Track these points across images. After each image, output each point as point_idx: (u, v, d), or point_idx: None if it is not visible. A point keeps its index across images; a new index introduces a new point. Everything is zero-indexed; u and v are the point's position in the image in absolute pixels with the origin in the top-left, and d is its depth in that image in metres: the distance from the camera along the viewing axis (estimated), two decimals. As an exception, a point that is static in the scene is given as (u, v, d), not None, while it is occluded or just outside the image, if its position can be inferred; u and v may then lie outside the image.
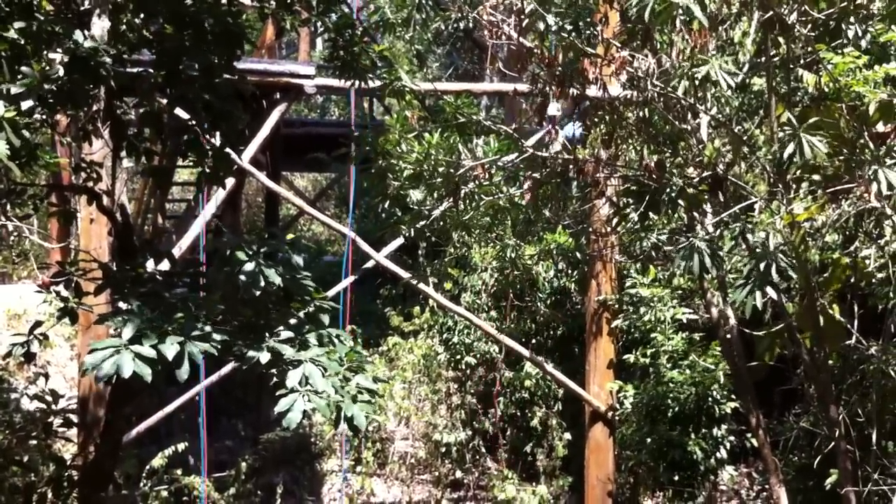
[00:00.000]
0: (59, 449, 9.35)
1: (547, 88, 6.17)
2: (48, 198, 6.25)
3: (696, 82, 5.56)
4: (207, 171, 5.73)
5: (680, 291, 11.36)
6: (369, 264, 11.04)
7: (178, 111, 5.55)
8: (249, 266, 4.74)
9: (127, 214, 6.07)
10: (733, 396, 10.61)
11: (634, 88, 6.15)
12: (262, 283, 4.73)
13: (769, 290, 5.20)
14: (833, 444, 7.61)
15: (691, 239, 5.69)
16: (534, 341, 12.76)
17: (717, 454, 10.91)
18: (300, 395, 4.41)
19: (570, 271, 13.14)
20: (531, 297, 13.12)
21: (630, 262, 11.36)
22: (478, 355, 12.87)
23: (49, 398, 6.70)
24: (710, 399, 10.90)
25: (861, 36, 5.94)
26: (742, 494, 12.08)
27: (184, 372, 4.27)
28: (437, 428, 12.74)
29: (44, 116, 5.55)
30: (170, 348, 4.23)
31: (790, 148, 5.22)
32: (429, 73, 22.26)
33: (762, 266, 5.23)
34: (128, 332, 4.27)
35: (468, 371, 13.11)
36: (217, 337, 4.48)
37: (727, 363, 9.12)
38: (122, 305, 4.81)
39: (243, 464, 11.65)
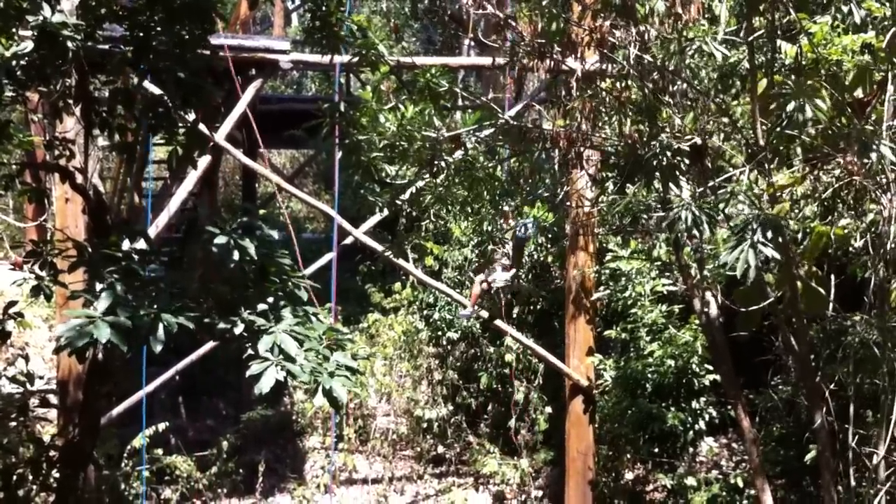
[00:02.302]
0: (40, 431, 9.28)
1: (525, 60, 6.12)
2: (20, 176, 6.16)
3: (682, 54, 5.52)
4: (179, 148, 5.66)
5: (659, 263, 11.39)
6: (348, 240, 10.99)
7: (150, 87, 5.47)
8: (222, 239, 4.68)
9: (100, 193, 5.99)
10: (712, 368, 10.67)
11: (611, 61, 6.12)
12: (237, 257, 4.66)
13: (751, 257, 5.15)
14: (812, 413, 7.67)
15: (679, 201, 5.63)
16: (514, 316, 12.78)
17: (697, 426, 11.00)
18: (272, 363, 4.37)
19: (549, 245, 13.14)
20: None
21: (609, 235, 11.38)
22: (459, 331, 12.88)
23: (24, 379, 6.64)
24: (689, 372, 10.97)
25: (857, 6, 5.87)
26: (722, 465, 12.17)
27: (158, 343, 4.22)
28: (419, 404, 12.77)
29: (14, 93, 5.48)
30: (144, 320, 4.18)
31: (791, 105, 5.15)
32: (406, 47, 22.11)
33: (755, 223, 5.16)
34: (102, 304, 4.22)
35: (449, 347, 13.12)
36: (192, 312, 4.43)
37: (705, 336, 9.15)
38: (98, 286, 4.75)
39: (225, 442, 11.62)
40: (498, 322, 11.29)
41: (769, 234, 5.15)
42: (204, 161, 10.00)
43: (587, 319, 11.31)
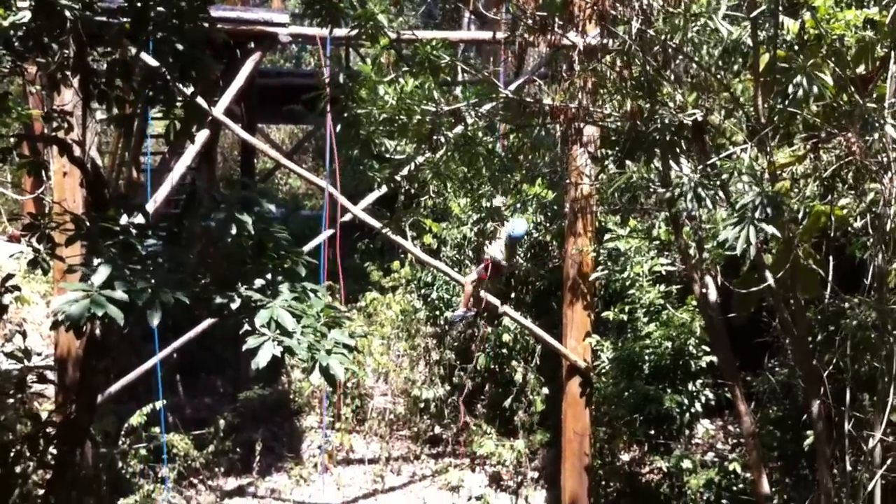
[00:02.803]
0: (37, 408, 9.27)
1: (526, 34, 6.07)
2: (18, 148, 6.13)
3: (686, 29, 5.47)
4: (177, 121, 5.62)
5: (657, 243, 11.37)
6: (346, 217, 10.96)
7: (149, 59, 5.44)
8: (220, 214, 4.65)
9: (98, 166, 5.96)
10: (709, 350, 10.67)
11: (612, 35, 6.07)
12: (234, 231, 4.64)
13: (752, 234, 5.13)
14: (808, 397, 7.67)
15: (679, 179, 5.60)
16: (512, 296, 12.76)
17: (693, 408, 11.00)
18: (269, 337, 4.35)
19: (548, 224, 13.12)
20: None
21: (608, 214, 11.35)
22: (456, 310, 12.86)
23: (22, 356, 6.63)
24: (686, 353, 10.97)
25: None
26: (718, 447, 12.20)
27: (156, 317, 4.20)
28: (416, 384, 12.77)
29: (12, 64, 5.44)
30: (141, 294, 4.16)
31: (797, 79, 5.11)
32: (406, 21, 21.99)
33: (756, 200, 5.13)
34: (99, 278, 4.19)
35: (447, 326, 13.12)
36: (189, 287, 4.41)
37: (703, 318, 9.14)
38: (96, 261, 4.73)
39: (222, 421, 11.63)
40: (496, 302, 11.27)
41: (770, 212, 5.13)
42: (202, 136, 9.97)
43: (585, 300, 11.29)
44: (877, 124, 5.28)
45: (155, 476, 11.21)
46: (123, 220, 5.36)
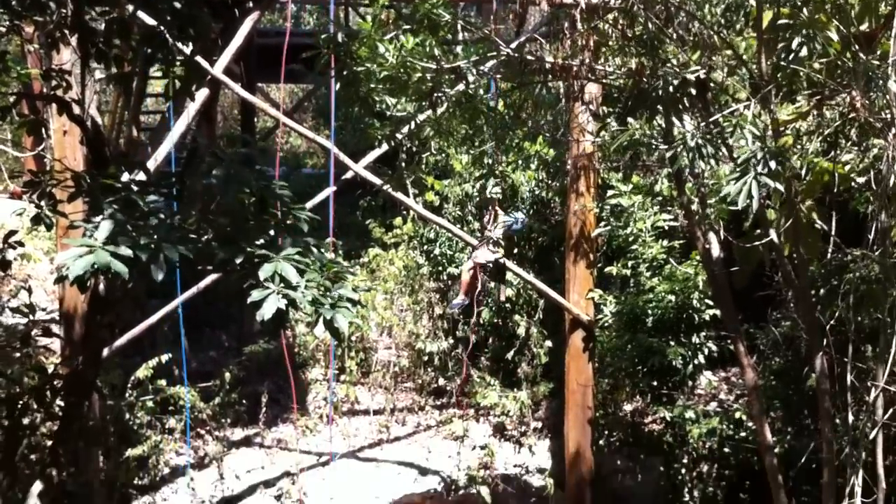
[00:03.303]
0: (44, 362, 9.38)
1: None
2: (17, 106, 6.12)
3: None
4: (176, 80, 5.61)
5: (660, 198, 11.37)
6: (348, 175, 10.95)
7: (147, 18, 5.40)
8: (222, 170, 4.65)
9: (98, 124, 5.95)
10: (712, 304, 10.72)
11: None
12: (236, 187, 4.65)
13: (754, 188, 5.12)
14: (811, 348, 7.72)
15: (682, 135, 5.59)
16: (515, 251, 12.79)
17: (696, 360, 11.09)
18: (273, 290, 4.37)
19: (550, 181, 13.11)
20: (511, 206, 13.12)
21: (610, 171, 11.34)
22: (459, 266, 12.91)
23: (27, 310, 6.69)
24: (689, 307, 11.03)
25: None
26: (720, 398, 12.32)
27: (159, 272, 4.22)
28: (420, 337, 12.85)
29: (10, 23, 5.41)
30: (145, 249, 4.18)
31: (798, 39, 5.07)
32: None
33: (758, 154, 5.12)
34: (102, 233, 4.21)
35: (450, 282, 13.17)
36: (192, 243, 4.44)
37: (705, 272, 9.17)
38: (98, 217, 4.75)
39: (227, 374, 11.74)
40: (507, 263, 11.30)
41: (772, 166, 5.12)
42: (202, 95, 9.91)
43: (587, 255, 11.31)
44: (880, 81, 5.25)
45: (162, 427, 11.36)
46: (125, 177, 5.37)
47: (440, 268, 13.08)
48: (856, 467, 7.72)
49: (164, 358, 11.22)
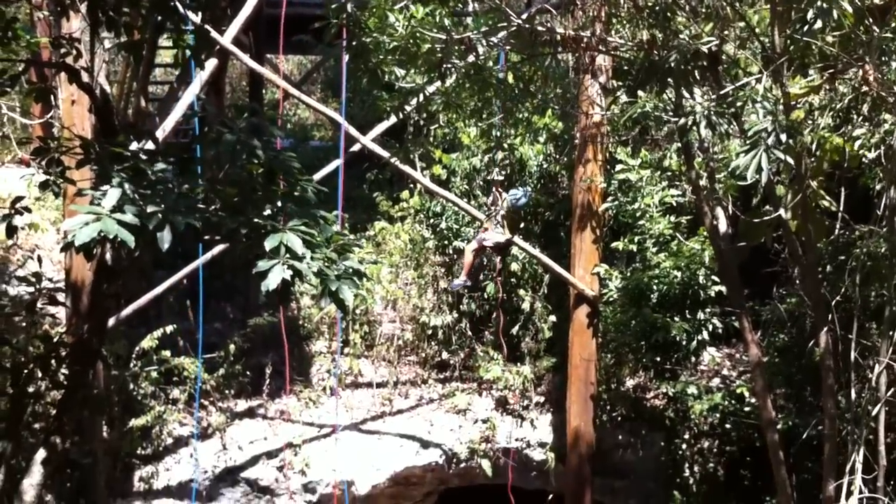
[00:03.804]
0: (49, 331, 9.40)
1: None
2: (26, 73, 6.09)
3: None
4: (186, 49, 5.57)
5: (668, 174, 11.34)
6: (355, 148, 10.92)
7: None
8: (230, 137, 4.63)
9: (106, 93, 5.93)
10: (718, 280, 10.71)
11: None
12: (245, 157, 4.64)
13: (764, 161, 5.09)
14: (816, 324, 7.72)
15: (696, 105, 5.55)
16: (521, 225, 12.75)
17: (700, 336, 11.09)
18: (279, 261, 4.37)
19: (557, 155, 13.06)
20: (519, 180, 13.09)
21: (619, 145, 11.29)
22: (466, 240, 12.89)
23: (34, 279, 6.69)
24: (695, 283, 11.01)
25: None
26: (724, 374, 12.33)
27: (166, 241, 4.22)
28: (424, 311, 12.86)
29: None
30: (151, 218, 4.17)
31: (812, 10, 5.00)
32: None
33: (769, 127, 5.08)
34: (109, 201, 4.20)
35: (455, 256, 13.16)
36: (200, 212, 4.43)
37: (712, 247, 9.15)
38: (105, 187, 4.74)
39: (232, 345, 11.77)
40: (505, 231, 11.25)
41: (784, 139, 5.08)
42: (210, 65, 9.87)
43: (594, 230, 11.29)
44: (894, 55, 5.20)
45: (166, 398, 11.41)
46: (133, 147, 5.35)
47: (446, 242, 13.06)
48: (857, 444, 7.75)
49: (170, 329, 11.24)
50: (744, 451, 11.17)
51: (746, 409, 10.85)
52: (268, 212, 4.78)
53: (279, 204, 4.92)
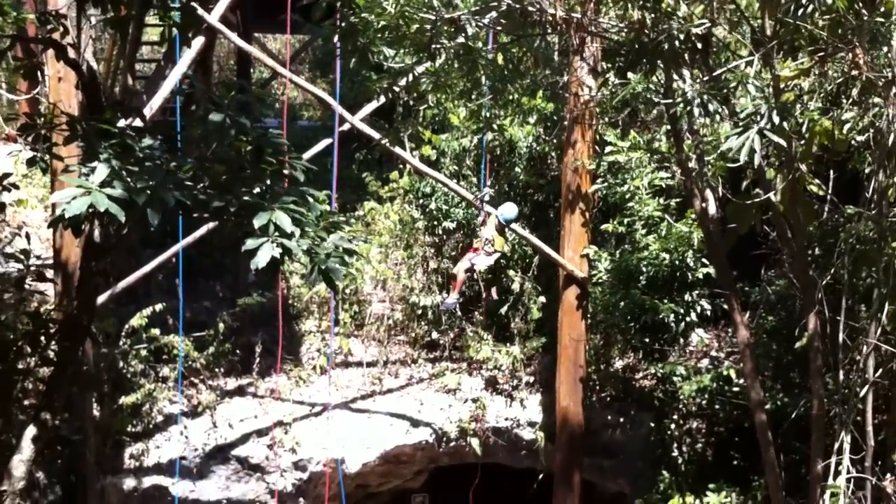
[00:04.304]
0: (38, 307, 9.38)
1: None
2: (12, 49, 6.05)
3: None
4: (173, 27, 5.54)
5: (658, 156, 11.34)
6: (344, 127, 10.88)
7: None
8: (218, 116, 4.61)
9: (93, 69, 5.90)
10: (707, 262, 10.74)
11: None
12: (233, 133, 4.62)
13: (756, 143, 5.09)
14: (805, 306, 7.75)
15: (686, 88, 5.55)
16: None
17: (689, 317, 11.13)
18: (268, 239, 4.36)
19: (547, 137, 13.04)
20: (509, 161, 13.08)
21: (608, 127, 11.28)
22: (455, 221, 12.90)
23: (21, 256, 6.68)
24: (683, 265, 11.05)
25: None
26: (712, 355, 12.39)
27: (155, 217, 4.20)
28: (414, 291, 12.88)
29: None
30: (140, 193, 4.16)
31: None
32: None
33: (762, 109, 5.07)
34: (98, 177, 4.18)
35: (445, 236, 13.16)
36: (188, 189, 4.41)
37: (701, 229, 9.17)
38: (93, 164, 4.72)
39: (221, 324, 11.77)
40: (493, 212, 11.24)
41: (776, 121, 5.08)
42: (198, 43, 9.81)
43: (583, 212, 11.30)
44: (884, 39, 5.21)
45: (156, 375, 11.41)
46: (120, 124, 5.33)
47: (435, 222, 13.05)
48: (845, 425, 7.80)
49: (159, 307, 11.23)
50: (732, 431, 11.24)
51: (735, 389, 10.90)
52: (257, 190, 4.77)
53: (268, 182, 4.91)
